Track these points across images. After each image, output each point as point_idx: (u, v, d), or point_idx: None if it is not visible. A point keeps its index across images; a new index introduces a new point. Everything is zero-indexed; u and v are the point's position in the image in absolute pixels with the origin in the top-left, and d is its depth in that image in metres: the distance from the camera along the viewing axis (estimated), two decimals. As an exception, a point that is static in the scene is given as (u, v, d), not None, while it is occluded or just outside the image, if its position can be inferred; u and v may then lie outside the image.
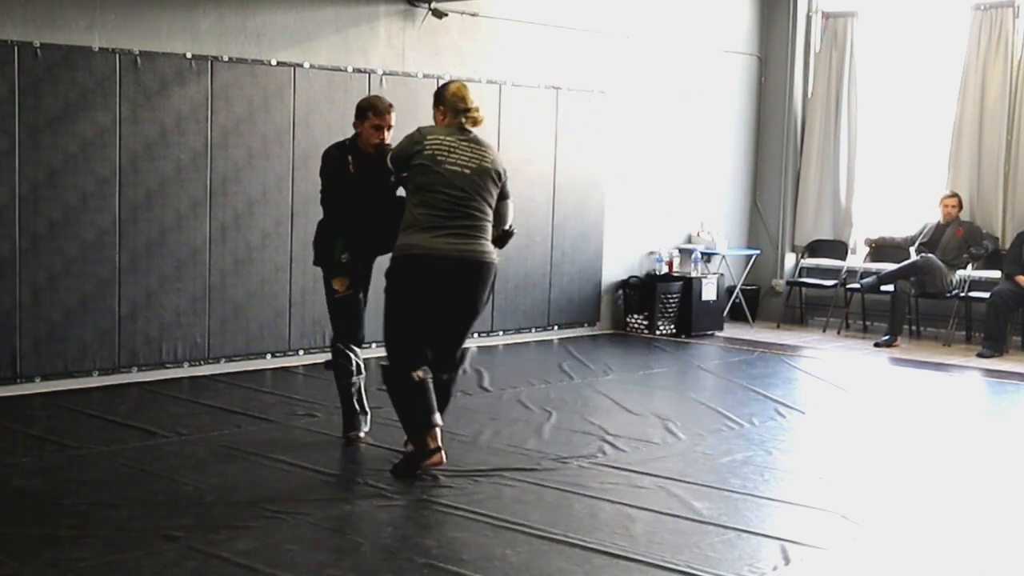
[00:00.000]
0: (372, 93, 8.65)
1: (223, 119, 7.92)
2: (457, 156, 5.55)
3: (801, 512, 5.24)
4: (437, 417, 5.54)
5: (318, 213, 8.45)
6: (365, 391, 6.38)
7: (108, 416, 6.67)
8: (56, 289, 7.28)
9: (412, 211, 5.54)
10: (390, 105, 6.14)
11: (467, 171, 5.54)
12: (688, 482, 5.61)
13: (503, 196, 5.74)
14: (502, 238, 5.78)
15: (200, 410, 6.90)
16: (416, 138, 5.64)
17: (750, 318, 11.51)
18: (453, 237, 5.46)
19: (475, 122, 5.69)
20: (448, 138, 5.58)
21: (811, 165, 11.68)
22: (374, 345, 7.46)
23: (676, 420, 6.98)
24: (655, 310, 10.51)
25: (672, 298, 10.58)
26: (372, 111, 6.07)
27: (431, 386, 5.55)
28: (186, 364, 7.90)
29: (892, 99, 11.48)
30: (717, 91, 11.50)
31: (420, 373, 5.52)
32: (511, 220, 5.84)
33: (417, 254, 5.45)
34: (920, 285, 10.49)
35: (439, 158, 5.51)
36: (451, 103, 5.68)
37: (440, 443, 5.54)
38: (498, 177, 5.68)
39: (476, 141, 5.67)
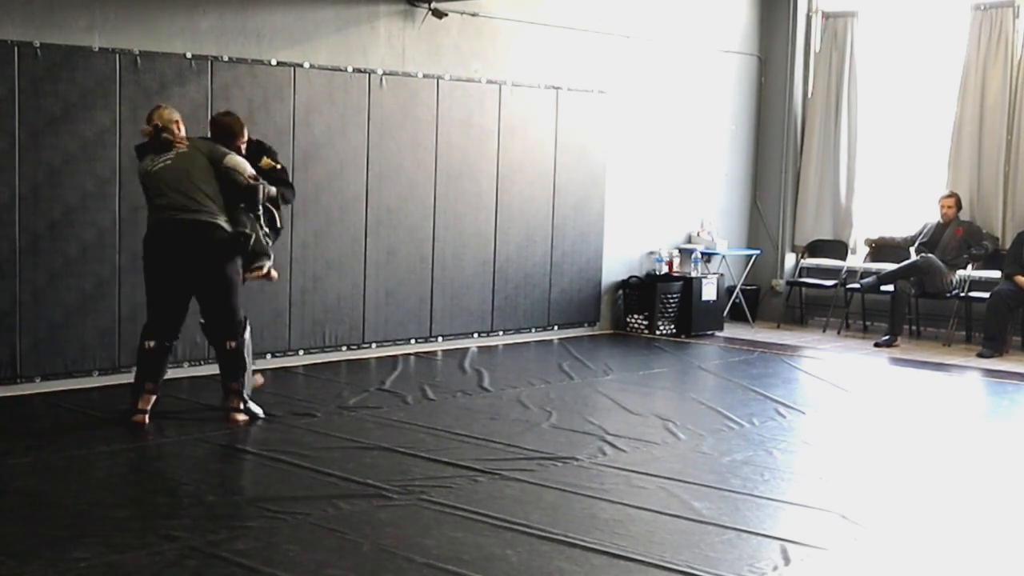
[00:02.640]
0: (372, 93, 8.69)
1: (223, 119, 7.91)
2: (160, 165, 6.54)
3: (801, 512, 5.24)
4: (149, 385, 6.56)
5: (317, 213, 8.50)
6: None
7: (108, 416, 6.67)
8: (56, 289, 7.28)
9: None
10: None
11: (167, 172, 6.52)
12: (688, 482, 5.61)
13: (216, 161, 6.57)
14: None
15: (200, 410, 6.90)
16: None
17: (750, 318, 11.51)
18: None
19: (173, 135, 6.60)
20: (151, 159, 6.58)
21: (811, 165, 11.68)
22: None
23: (676, 420, 6.98)
24: (655, 310, 10.51)
25: (672, 298, 10.59)
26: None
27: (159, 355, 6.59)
28: (186, 364, 7.89)
29: (892, 99, 11.48)
30: (717, 91, 11.50)
31: (151, 343, 6.55)
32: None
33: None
34: (920, 285, 10.49)
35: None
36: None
37: (148, 407, 6.51)
38: (211, 161, 6.55)
39: (168, 147, 6.54)
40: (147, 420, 6.49)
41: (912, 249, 10.83)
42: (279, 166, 7.00)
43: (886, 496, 5.59)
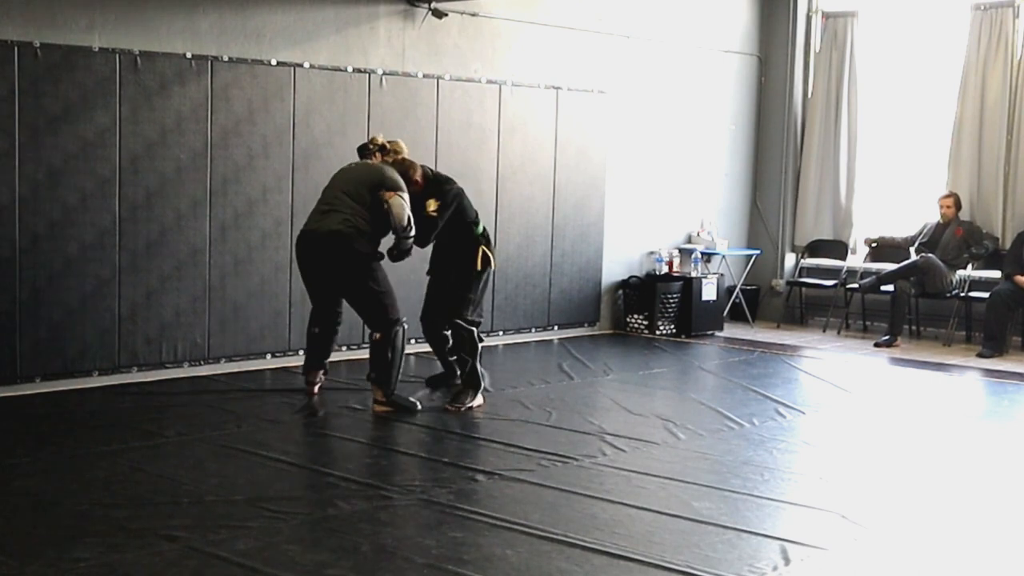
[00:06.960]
0: (372, 93, 8.68)
1: (223, 119, 7.92)
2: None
3: (801, 512, 5.24)
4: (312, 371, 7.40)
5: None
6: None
7: (108, 416, 6.68)
8: (56, 289, 7.28)
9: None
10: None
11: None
12: (688, 482, 5.61)
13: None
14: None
15: (200, 410, 6.90)
16: None
17: (750, 318, 11.51)
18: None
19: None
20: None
21: (811, 165, 11.68)
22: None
23: (676, 420, 6.98)
24: (655, 310, 10.51)
25: (672, 298, 10.59)
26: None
27: (320, 339, 7.35)
28: (186, 364, 7.90)
29: (892, 99, 11.48)
30: (717, 91, 11.50)
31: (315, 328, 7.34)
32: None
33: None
34: (920, 285, 10.49)
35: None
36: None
37: (314, 380, 7.41)
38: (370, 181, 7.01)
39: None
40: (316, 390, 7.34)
41: (912, 249, 10.83)
42: (435, 212, 7.17)
43: (886, 496, 5.59)
